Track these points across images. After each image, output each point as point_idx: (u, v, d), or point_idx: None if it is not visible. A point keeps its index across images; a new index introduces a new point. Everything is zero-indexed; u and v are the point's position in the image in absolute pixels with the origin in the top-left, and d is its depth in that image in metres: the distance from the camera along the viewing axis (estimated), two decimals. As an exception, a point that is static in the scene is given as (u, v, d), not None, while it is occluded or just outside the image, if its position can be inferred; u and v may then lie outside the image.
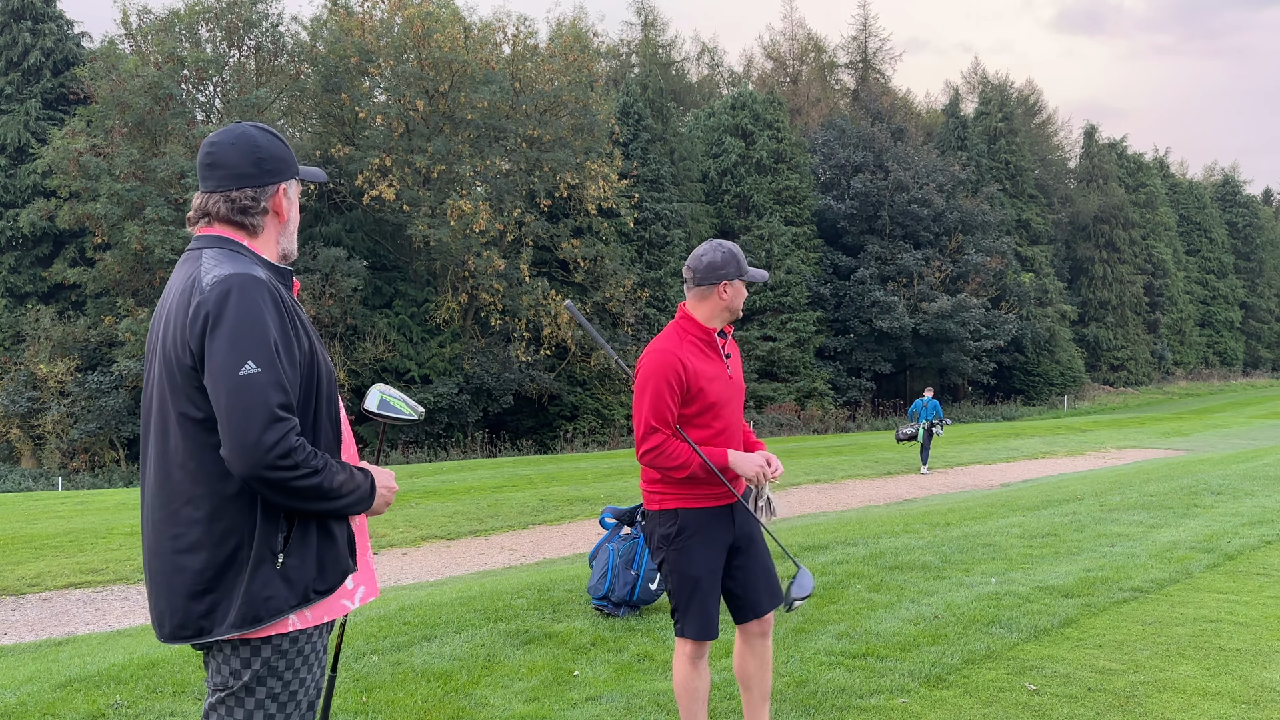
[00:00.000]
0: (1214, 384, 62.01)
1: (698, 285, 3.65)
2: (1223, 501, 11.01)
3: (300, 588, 2.21)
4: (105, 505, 16.22)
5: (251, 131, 2.38)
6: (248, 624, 2.16)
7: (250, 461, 2.09)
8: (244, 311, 2.14)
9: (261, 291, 2.19)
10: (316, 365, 2.28)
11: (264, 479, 2.11)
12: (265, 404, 2.10)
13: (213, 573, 2.17)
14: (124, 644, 6.94)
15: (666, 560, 3.61)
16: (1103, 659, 5.13)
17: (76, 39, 35.75)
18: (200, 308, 2.16)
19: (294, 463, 2.12)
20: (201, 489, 2.18)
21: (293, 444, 2.12)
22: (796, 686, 4.72)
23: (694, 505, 3.59)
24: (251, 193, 2.34)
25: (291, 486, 2.13)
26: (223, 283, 2.17)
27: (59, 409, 28.55)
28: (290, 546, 2.21)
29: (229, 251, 2.29)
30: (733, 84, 58.61)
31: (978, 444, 26.86)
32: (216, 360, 2.12)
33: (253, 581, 2.16)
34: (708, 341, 3.66)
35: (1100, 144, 59.96)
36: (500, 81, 33.45)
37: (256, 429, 2.09)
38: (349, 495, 2.25)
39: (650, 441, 3.49)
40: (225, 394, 2.11)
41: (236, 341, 2.12)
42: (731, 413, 3.66)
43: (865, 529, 9.76)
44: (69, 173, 28.90)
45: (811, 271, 43.34)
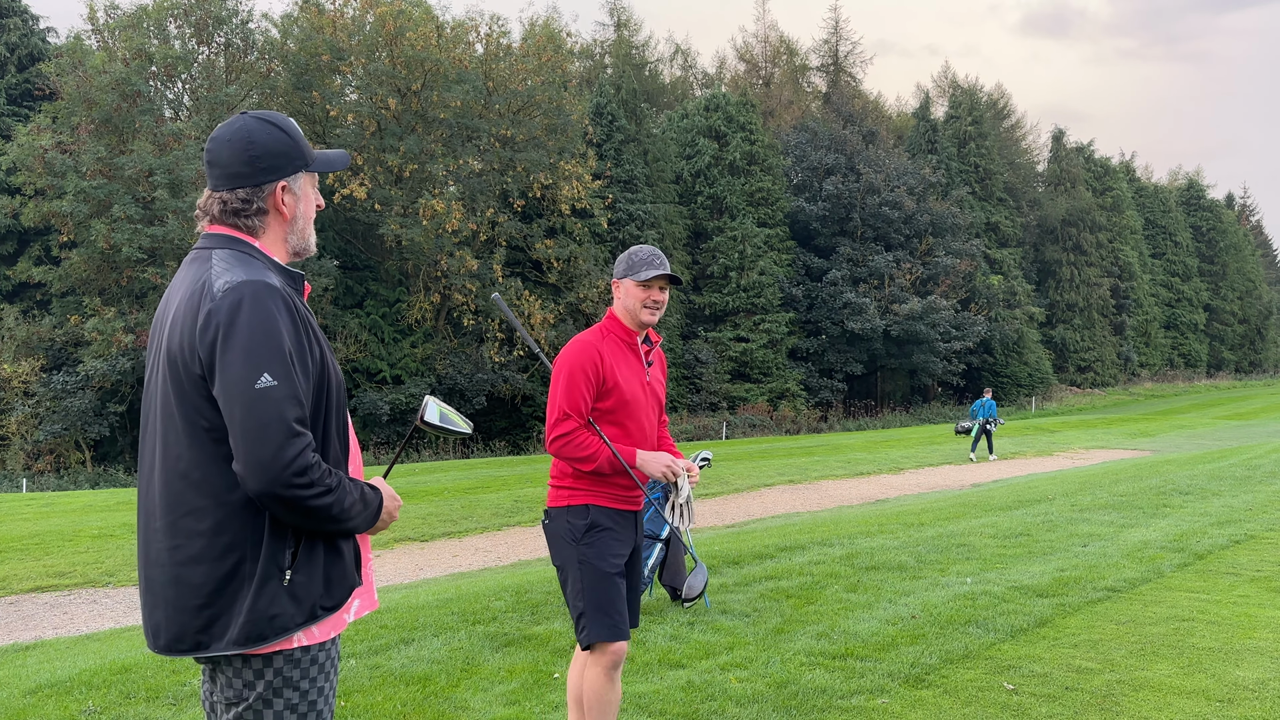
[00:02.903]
0: (1178, 385, 62.90)
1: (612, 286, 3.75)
2: (1191, 501, 11.17)
3: (307, 605, 2.14)
4: (71, 507, 15.97)
5: (251, 125, 2.26)
6: (251, 641, 2.09)
7: (266, 478, 2.01)
8: (258, 321, 2.06)
9: (275, 300, 2.10)
10: (327, 375, 2.20)
11: (279, 496, 2.03)
12: (282, 418, 2.03)
13: (212, 587, 2.10)
14: (94, 648, 6.83)
15: (576, 557, 3.50)
16: (1079, 658, 5.18)
17: (42, 34, 35.22)
18: (211, 316, 2.07)
19: (310, 480, 2.05)
20: (206, 501, 2.10)
21: (309, 460, 2.05)
22: (777, 687, 4.73)
23: (605, 504, 3.56)
24: (245, 194, 2.24)
25: (306, 505, 2.06)
26: (234, 290, 2.08)
27: (23, 410, 28.09)
28: (298, 563, 2.14)
29: (239, 254, 2.20)
30: (706, 85, 58.70)
31: (948, 444, 27.08)
32: (230, 372, 2.03)
33: (258, 599, 2.09)
34: (629, 342, 3.68)
35: (1068, 148, 60.66)
36: (473, 81, 33.32)
37: (273, 445, 2.01)
38: (358, 516, 2.19)
39: (561, 428, 3.50)
40: (240, 408, 2.02)
41: (251, 353, 2.04)
42: (646, 417, 3.66)
43: (840, 529, 9.81)
44: (34, 170, 28.44)
45: (784, 273, 43.51)
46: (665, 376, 3.89)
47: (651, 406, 3.69)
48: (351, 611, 2.30)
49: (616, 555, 3.54)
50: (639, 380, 3.64)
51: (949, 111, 55.93)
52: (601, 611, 3.47)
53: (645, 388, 3.66)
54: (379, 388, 31.83)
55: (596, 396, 3.54)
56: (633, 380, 3.61)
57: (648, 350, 3.73)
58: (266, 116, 2.30)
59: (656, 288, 3.63)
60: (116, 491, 20.26)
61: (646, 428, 3.66)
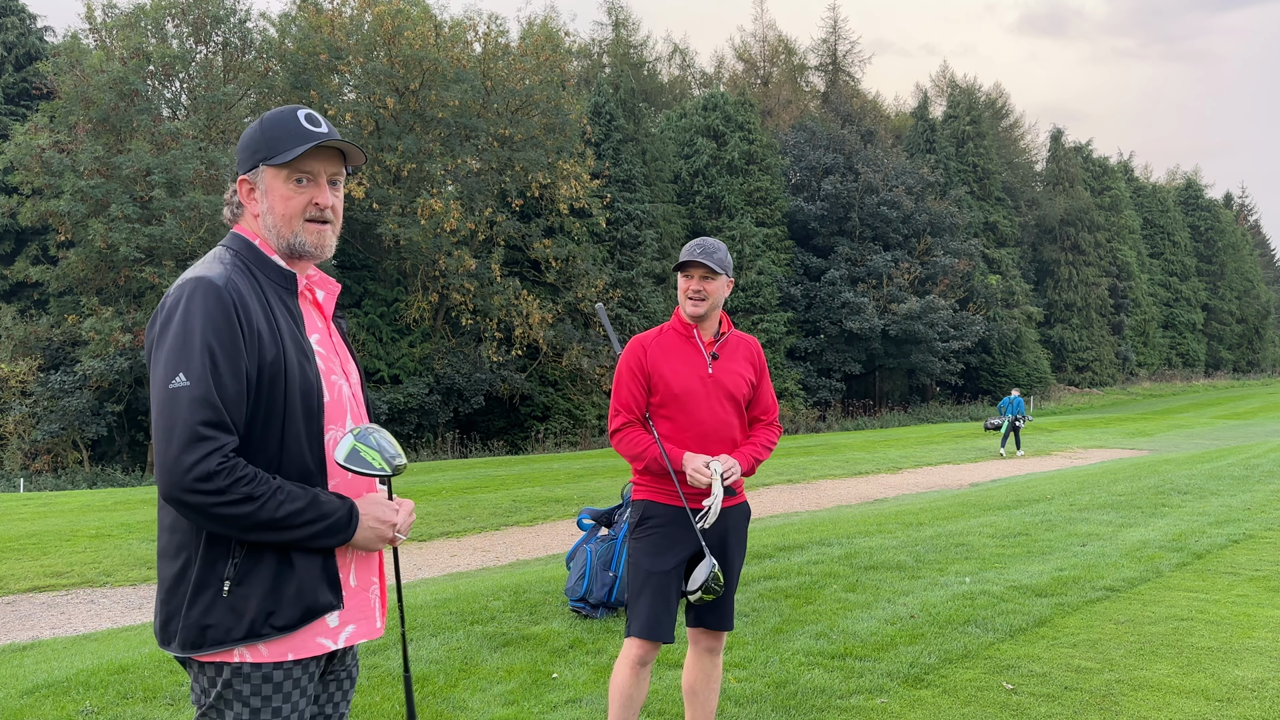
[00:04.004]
0: (1176, 385, 62.95)
1: None
2: (1190, 501, 11.17)
3: (247, 621, 2.02)
4: (69, 507, 15.95)
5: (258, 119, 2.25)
6: (189, 648, 2.02)
7: (167, 481, 1.94)
8: (185, 319, 2.00)
9: (211, 297, 2.02)
10: (286, 378, 2.07)
11: (181, 501, 1.94)
12: (188, 421, 1.93)
13: (169, 584, 2.06)
14: (91, 648, 6.82)
15: (629, 551, 3.64)
16: (1078, 658, 5.17)
17: (40, 33, 35.18)
18: (158, 313, 2.06)
19: (216, 487, 1.93)
20: None
21: (213, 467, 1.93)
22: (776, 687, 4.72)
23: (661, 500, 3.58)
24: (234, 186, 2.27)
25: (213, 513, 1.94)
26: (179, 288, 2.05)
27: (21, 409, 28.04)
28: (240, 574, 2.02)
29: (226, 251, 2.20)
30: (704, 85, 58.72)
31: (946, 444, 27.08)
32: (155, 371, 2.01)
33: (192, 606, 2.02)
34: (686, 335, 3.67)
35: (1066, 148, 60.69)
36: (471, 80, 33.29)
37: (175, 447, 1.92)
38: (305, 527, 2.02)
39: (614, 424, 3.62)
40: (155, 408, 1.98)
41: (171, 352, 1.98)
42: (708, 410, 3.60)
43: (839, 529, 9.80)
44: (31, 169, 28.39)
45: (782, 273, 43.51)
46: (756, 366, 3.77)
47: (718, 399, 3.62)
48: (339, 638, 2.15)
49: (665, 553, 3.54)
50: (696, 373, 3.61)
51: (947, 111, 55.95)
52: (638, 607, 3.53)
53: (706, 380, 3.61)
54: (377, 387, 31.80)
55: (647, 392, 3.61)
56: (685, 373, 3.60)
57: (713, 343, 3.68)
58: (272, 112, 2.26)
59: (697, 277, 3.60)
60: (114, 491, 20.23)
61: (708, 420, 3.60)
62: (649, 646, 3.54)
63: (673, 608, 3.57)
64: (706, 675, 3.75)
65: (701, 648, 3.75)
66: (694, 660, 3.77)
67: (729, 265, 3.65)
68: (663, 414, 3.59)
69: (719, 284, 3.61)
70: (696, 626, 3.72)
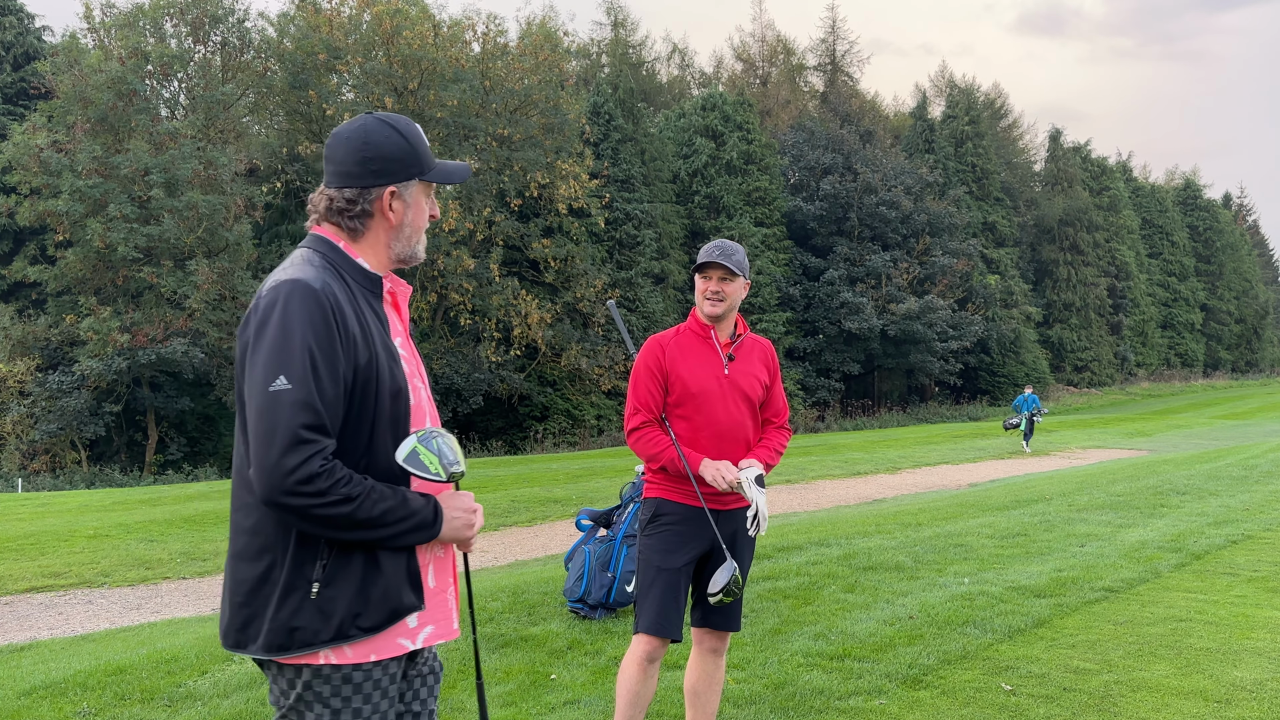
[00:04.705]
0: (1175, 385, 62.98)
1: None
2: (1188, 501, 11.17)
3: (336, 623, 2.04)
4: (67, 507, 15.94)
5: (370, 126, 2.22)
6: (274, 650, 2.04)
7: (268, 485, 1.95)
8: (285, 321, 2.01)
9: (310, 300, 2.03)
10: (376, 382, 2.11)
11: (282, 505, 1.96)
12: (289, 425, 1.95)
13: (249, 587, 2.07)
14: (89, 649, 6.81)
15: (639, 548, 3.66)
16: (1076, 659, 5.17)
17: (38, 33, 35.16)
18: (250, 316, 2.06)
19: (317, 489, 1.95)
20: (250, 499, 2.07)
21: (315, 469, 1.95)
22: (775, 688, 4.71)
23: (674, 498, 3.60)
24: (351, 194, 2.21)
25: (314, 514, 1.97)
26: (275, 290, 2.05)
27: (19, 409, 28.02)
28: (329, 576, 2.04)
29: (312, 253, 2.19)
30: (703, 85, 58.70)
31: (945, 444, 27.09)
32: (253, 373, 2.01)
33: (280, 608, 2.03)
34: (703, 336, 3.70)
35: (1065, 148, 60.70)
36: (470, 80, 33.28)
37: (277, 450, 1.94)
38: (395, 525, 2.06)
39: (632, 422, 3.63)
40: (254, 411, 1.98)
41: (271, 353, 1.99)
42: (724, 411, 3.62)
43: (838, 529, 9.80)
44: (30, 169, 28.35)
45: (781, 272, 43.52)
46: (770, 368, 3.80)
47: (734, 400, 3.65)
48: (419, 639, 2.18)
49: (676, 551, 3.57)
50: (713, 374, 3.63)
51: (946, 111, 55.95)
52: (646, 603, 3.55)
53: (722, 380, 3.64)
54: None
55: (664, 391, 3.63)
56: (702, 373, 3.62)
57: (729, 344, 3.70)
58: (388, 119, 2.25)
59: (715, 278, 3.63)
60: (112, 491, 20.22)
61: (724, 420, 3.62)
62: (657, 643, 3.55)
63: (681, 606, 3.58)
64: (709, 676, 3.75)
65: (705, 648, 3.75)
66: (697, 661, 3.77)
67: (746, 267, 3.69)
68: (679, 413, 3.61)
69: (737, 285, 3.65)
70: (702, 627, 3.71)
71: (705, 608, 3.68)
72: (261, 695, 4.68)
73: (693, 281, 3.77)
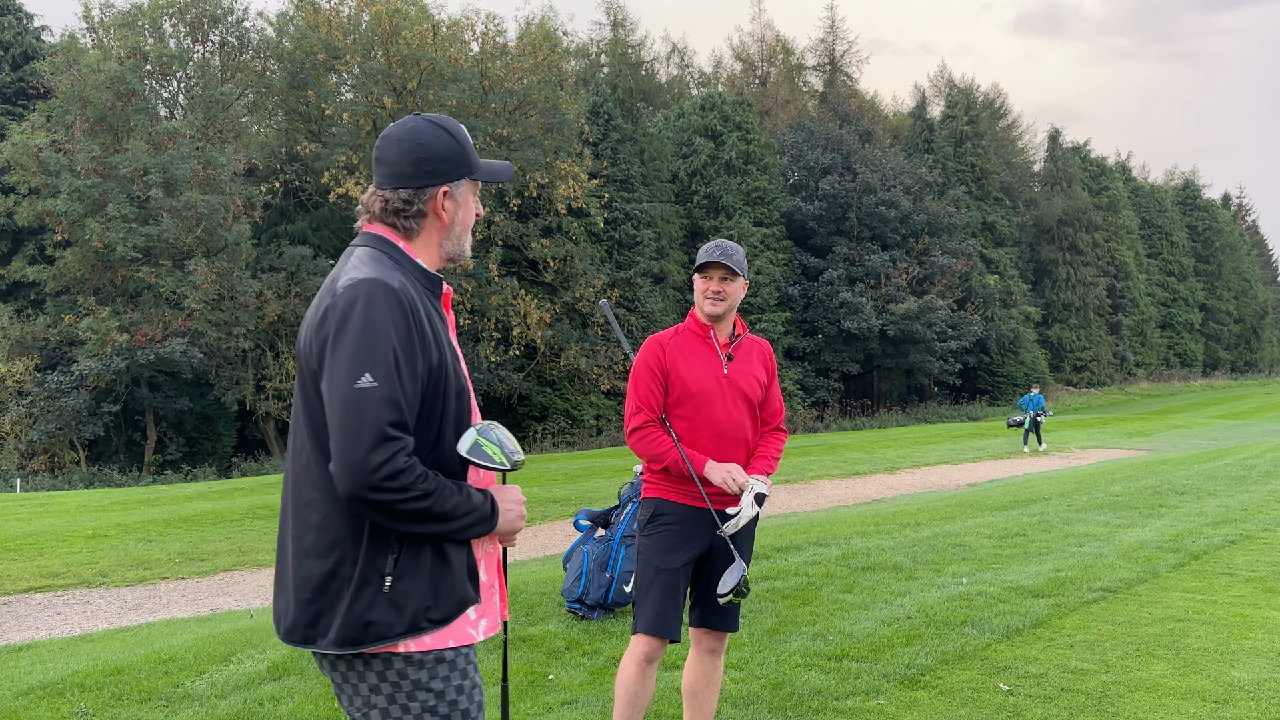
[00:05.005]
0: (1174, 385, 62.98)
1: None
2: (1187, 501, 11.17)
3: (409, 615, 2.08)
4: (66, 507, 15.93)
5: (421, 127, 2.27)
6: (348, 644, 2.07)
7: (354, 481, 1.98)
8: (368, 320, 2.05)
9: (391, 299, 2.08)
10: (445, 381, 2.16)
11: (367, 500, 2.00)
12: (376, 421, 2.00)
13: (317, 583, 2.09)
14: (87, 650, 6.81)
15: (637, 548, 3.65)
16: (1074, 659, 5.17)
17: (36, 32, 35.15)
18: (329, 313, 2.08)
19: (401, 485, 2.00)
20: (317, 495, 2.10)
21: (400, 465, 2.01)
22: (773, 689, 4.71)
23: (673, 498, 3.60)
24: (406, 194, 2.25)
25: (397, 509, 2.02)
26: (353, 288, 2.09)
27: (17, 409, 28.02)
28: (400, 570, 2.09)
29: (378, 253, 2.22)
30: (702, 85, 58.67)
31: (944, 444, 27.09)
32: (334, 370, 2.04)
33: (355, 602, 2.06)
34: (702, 336, 3.70)
35: (1064, 148, 60.69)
36: (469, 79, 33.27)
37: (364, 447, 1.98)
38: (463, 518, 2.12)
39: (634, 421, 3.61)
40: (338, 406, 2.02)
41: (355, 352, 2.02)
42: (724, 411, 3.62)
43: (836, 529, 9.79)
44: (28, 168, 28.35)
45: (780, 272, 43.51)
46: (768, 368, 3.83)
47: (733, 399, 3.65)
48: (480, 629, 2.23)
49: (676, 551, 3.57)
50: (712, 373, 3.64)
51: (945, 111, 55.93)
52: (645, 603, 3.55)
53: (722, 380, 3.64)
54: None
55: (665, 391, 3.63)
56: (702, 373, 3.62)
57: (728, 344, 3.71)
58: (438, 120, 2.29)
59: (716, 278, 3.64)
60: (111, 491, 20.21)
61: (723, 420, 3.62)
62: (656, 644, 3.54)
63: (680, 606, 3.58)
64: (707, 677, 3.74)
65: (703, 649, 3.74)
66: (695, 661, 3.76)
67: (745, 267, 3.70)
68: (678, 413, 3.61)
69: (737, 285, 3.67)
70: (700, 627, 3.71)
71: (704, 608, 3.67)
72: (259, 695, 4.68)
73: (691, 281, 3.80)
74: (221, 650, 5.58)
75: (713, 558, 3.65)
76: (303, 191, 35.11)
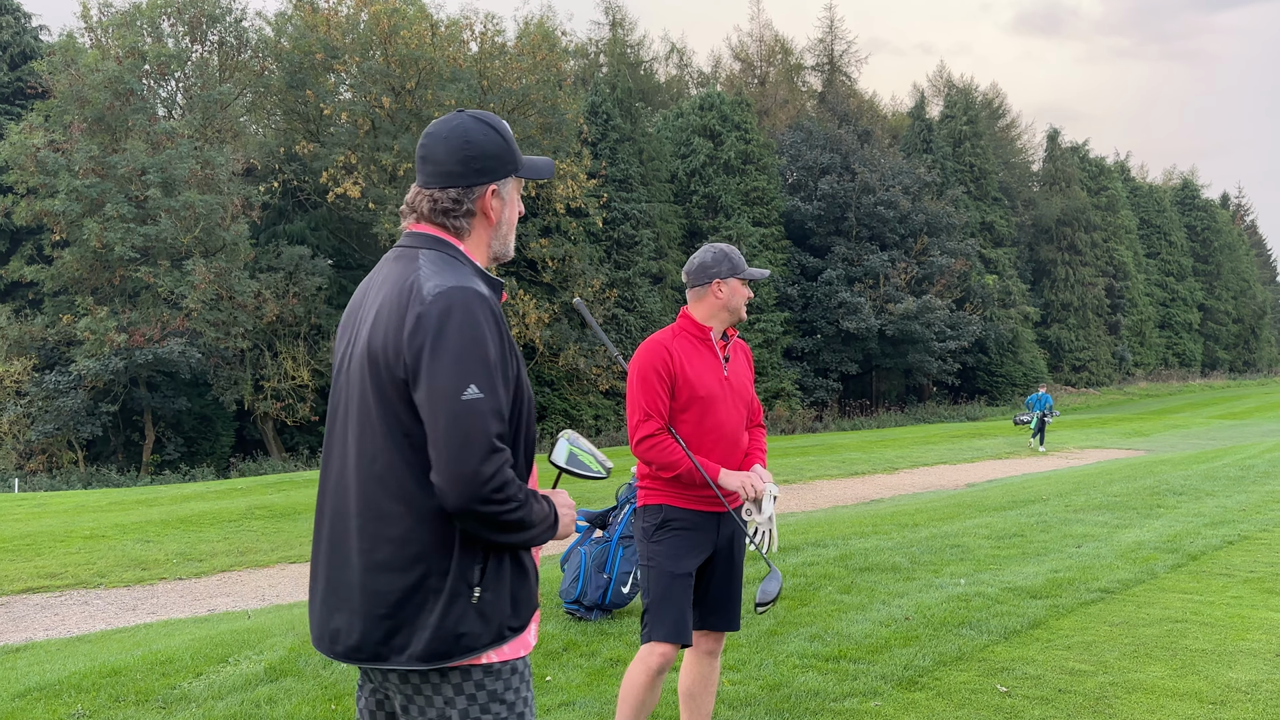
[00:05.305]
0: (1173, 385, 63.02)
1: (692, 286, 3.72)
2: (1185, 502, 11.17)
3: (495, 625, 2.07)
4: (64, 507, 15.92)
5: (467, 125, 2.21)
6: (435, 658, 2.03)
7: (466, 494, 1.95)
8: (467, 330, 2.01)
9: (484, 308, 2.05)
10: (522, 389, 2.14)
11: (476, 513, 1.97)
12: (485, 433, 1.97)
13: (397, 597, 2.03)
14: (84, 650, 6.80)
15: (646, 555, 3.57)
16: (1072, 660, 5.17)
17: (34, 32, 35.09)
18: (421, 320, 2.01)
19: (507, 496, 1.99)
20: (398, 507, 2.04)
21: (508, 476, 1.99)
22: (770, 690, 4.71)
23: (681, 504, 3.57)
24: (455, 194, 2.19)
25: (500, 520, 2.00)
26: (445, 295, 2.03)
27: (15, 409, 27.99)
28: (486, 580, 2.07)
29: (447, 257, 2.16)
30: (701, 84, 58.66)
31: (943, 444, 27.10)
32: (437, 381, 1.98)
33: (446, 615, 2.02)
34: (702, 338, 3.68)
35: (1063, 148, 60.70)
36: (468, 79, 33.26)
37: (475, 459, 1.95)
38: (539, 526, 2.11)
39: (645, 429, 3.52)
40: (445, 419, 1.96)
41: (459, 362, 1.98)
42: (726, 413, 3.63)
43: (834, 530, 9.80)
44: (26, 168, 28.31)
45: (779, 272, 43.50)
46: (752, 369, 3.88)
47: (734, 403, 3.67)
48: (532, 634, 2.22)
49: (687, 556, 3.54)
50: (715, 376, 3.63)
51: (944, 111, 55.93)
52: (662, 611, 3.49)
53: (724, 383, 3.65)
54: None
55: (671, 395, 3.58)
56: (707, 376, 3.61)
57: (724, 345, 3.73)
58: (483, 117, 2.24)
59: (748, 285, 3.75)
60: (109, 492, 20.20)
61: (726, 423, 3.62)
62: (674, 651, 3.52)
63: (692, 611, 3.57)
64: (705, 678, 3.73)
65: (702, 650, 3.73)
66: (693, 663, 3.74)
67: None
68: (684, 418, 3.58)
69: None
70: (700, 629, 3.70)
71: (704, 609, 3.67)
72: (256, 697, 4.67)
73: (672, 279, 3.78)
74: (219, 651, 5.57)
75: (714, 559, 3.65)
76: (301, 191, 35.08)
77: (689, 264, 3.75)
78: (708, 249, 3.75)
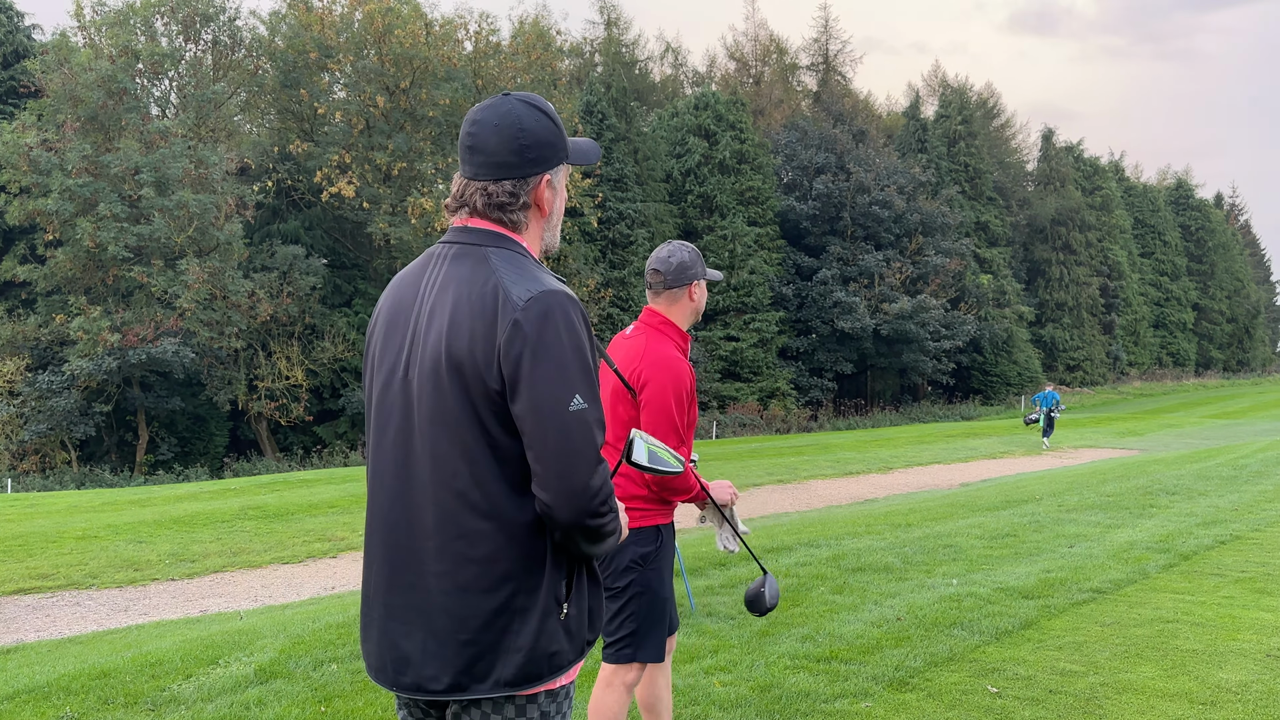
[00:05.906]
0: (1167, 384, 63.17)
1: (669, 288, 3.49)
2: (1177, 501, 11.19)
3: (579, 640, 1.98)
4: (56, 508, 15.86)
5: (518, 111, 2.04)
6: (527, 682, 1.90)
7: (578, 508, 1.86)
8: (567, 337, 1.88)
9: (577, 312, 1.93)
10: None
11: (585, 526, 1.88)
12: (593, 445, 1.88)
13: (481, 621, 1.90)
14: (74, 652, 6.78)
15: (637, 582, 3.36)
16: (1063, 660, 5.17)
17: (27, 31, 34.96)
18: (518, 327, 1.86)
19: (611, 507, 1.91)
20: (484, 525, 1.89)
21: (611, 488, 1.91)
22: (761, 691, 4.70)
23: (667, 521, 3.49)
24: (510, 186, 2.03)
25: (603, 532, 1.92)
26: (539, 300, 1.89)
27: (8, 409, 27.90)
28: (570, 596, 1.97)
29: (516, 255, 2.00)
30: (696, 84, 58.65)
31: (937, 443, 27.13)
32: (541, 392, 1.84)
33: (540, 635, 1.91)
34: (684, 349, 3.52)
35: (1057, 147, 60.83)
36: (462, 79, 33.23)
37: (586, 474, 1.86)
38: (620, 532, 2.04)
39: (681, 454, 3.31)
40: (554, 432, 1.84)
41: (563, 371, 1.86)
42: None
43: (828, 530, 9.79)
44: (19, 168, 28.22)
45: (774, 272, 43.53)
46: None
47: None
48: None
49: (669, 576, 3.48)
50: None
51: (939, 111, 56.00)
52: (655, 635, 3.40)
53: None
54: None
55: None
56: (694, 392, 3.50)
57: None
58: (533, 101, 2.07)
59: None
60: (101, 492, 20.14)
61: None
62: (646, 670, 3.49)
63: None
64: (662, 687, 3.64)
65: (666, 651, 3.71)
66: (649, 674, 3.62)
67: None
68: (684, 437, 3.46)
69: None
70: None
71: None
72: (245, 699, 4.66)
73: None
74: (208, 653, 5.56)
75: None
76: (295, 191, 35.02)
77: (665, 262, 3.50)
78: (680, 247, 3.55)
